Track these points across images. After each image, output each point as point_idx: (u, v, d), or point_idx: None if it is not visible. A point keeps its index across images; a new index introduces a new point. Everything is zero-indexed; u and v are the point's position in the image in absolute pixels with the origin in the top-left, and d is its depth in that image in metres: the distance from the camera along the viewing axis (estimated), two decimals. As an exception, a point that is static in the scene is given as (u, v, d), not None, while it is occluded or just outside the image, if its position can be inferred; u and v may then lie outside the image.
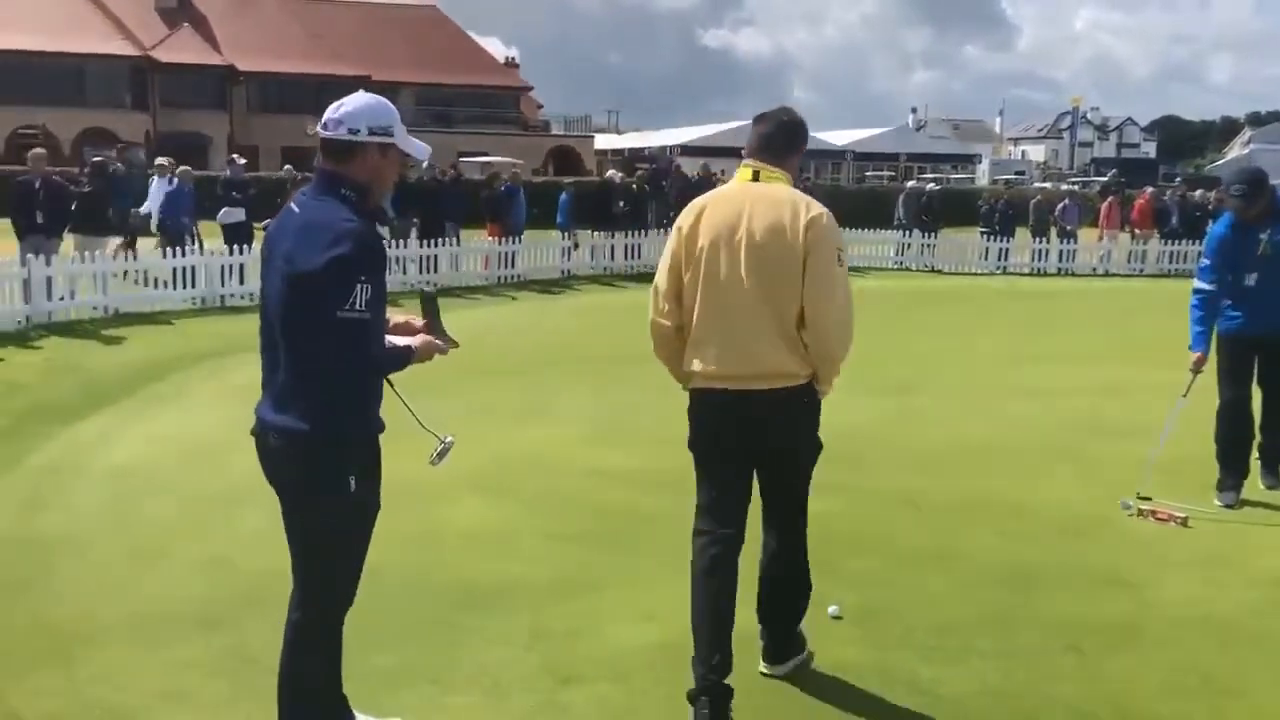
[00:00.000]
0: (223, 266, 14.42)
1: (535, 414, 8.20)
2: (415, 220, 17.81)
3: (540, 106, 62.83)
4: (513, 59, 59.17)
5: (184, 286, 13.91)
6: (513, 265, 18.24)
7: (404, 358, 3.11)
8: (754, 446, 3.75)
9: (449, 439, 3.31)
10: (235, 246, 14.75)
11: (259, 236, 16.45)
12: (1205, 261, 6.44)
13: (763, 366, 3.61)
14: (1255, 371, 6.52)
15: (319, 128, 3.03)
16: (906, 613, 4.52)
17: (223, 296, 14.22)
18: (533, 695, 3.77)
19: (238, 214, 15.97)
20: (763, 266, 3.60)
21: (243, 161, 18.24)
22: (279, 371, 3.01)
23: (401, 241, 17.17)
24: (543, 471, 6.53)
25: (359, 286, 2.82)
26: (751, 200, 3.72)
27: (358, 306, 2.82)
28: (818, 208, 3.73)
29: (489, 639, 4.22)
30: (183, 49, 45.60)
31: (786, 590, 3.93)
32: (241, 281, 14.55)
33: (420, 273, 17.12)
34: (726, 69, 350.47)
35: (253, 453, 3.13)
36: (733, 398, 3.65)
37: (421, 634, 4.25)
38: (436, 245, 17.33)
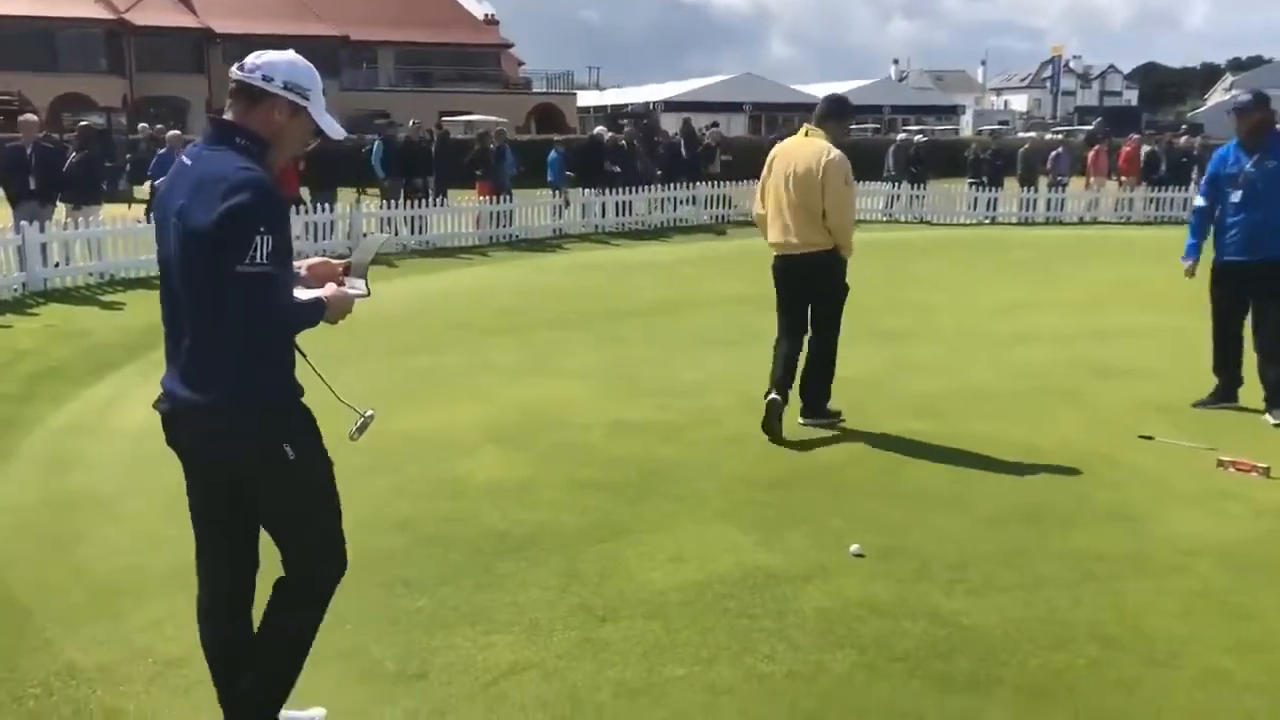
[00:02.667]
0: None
1: (540, 370, 8.28)
2: (404, 180, 17.80)
3: (521, 64, 62.28)
4: (492, 16, 58.55)
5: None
6: (508, 224, 18.23)
7: (315, 313, 2.85)
8: (802, 287, 6.46)
9: (369, 413, 3.12)
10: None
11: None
12: (1204, 178, 7.09)
13: (802, 239, 6.33)
14: (1245, 307, 6.78)
15: (234, 68, 2.87)
16: (924, 550, 4.65)
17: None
18: (572, 632, 3.88)
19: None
20: (800, 186, 6.26)
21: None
22: (184, 340, 2.78)
23: (391, 202, 17.16)
24: (556, 425, 6.63)
25: (259, 238, 2.60)
26: (800, 147, 6.42)
27: (258, 260, 2.60)
28: (833, 153, 6.26)
29: (523, 582, 4.33)
30: (158, 11, 45.00)
31: (819, 366, 6.57)
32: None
33: (411, 233, 17.11)
34: (703, 23, 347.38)
35: None
36: (788, 260, 6.42)
37: (456, 579, 4.36)
38: (425, 205, 17.31)
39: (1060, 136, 34.31)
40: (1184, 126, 34.05)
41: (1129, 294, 12.21)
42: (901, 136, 26.98)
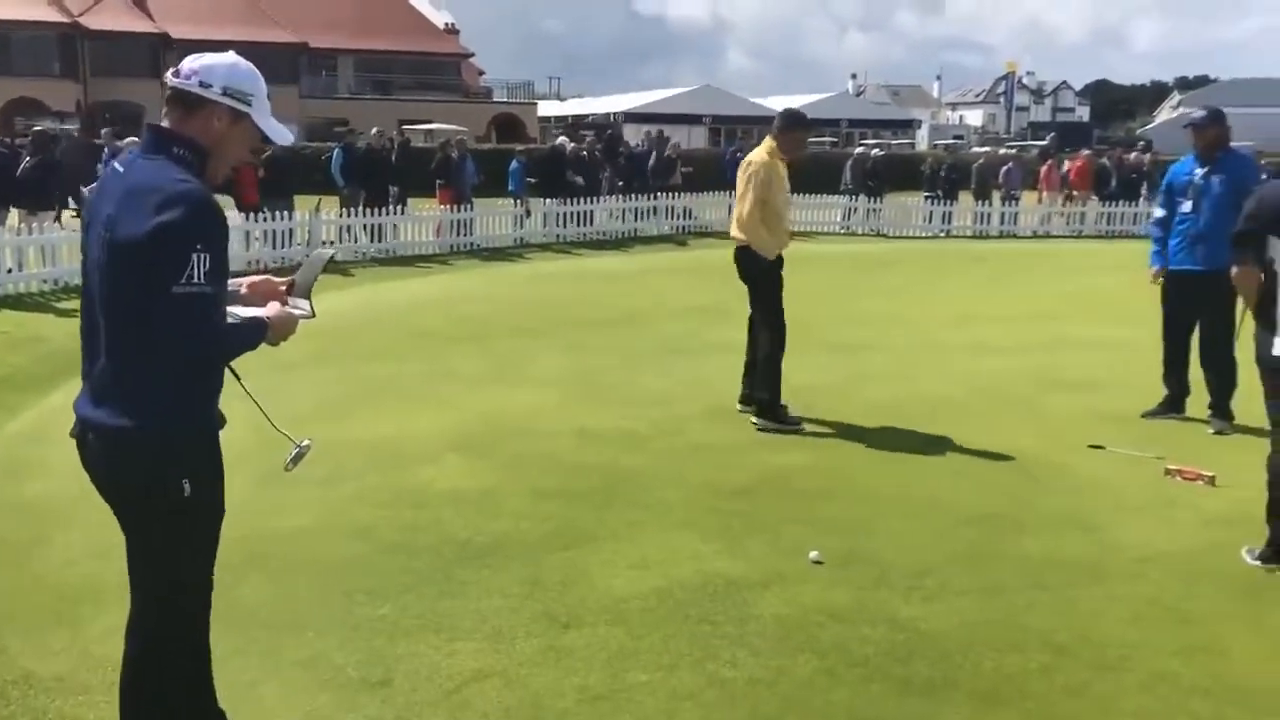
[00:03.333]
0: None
1: (502, 379, 8.30)
2: (364, 188, 17.73)
3: (482, 73, 62.22)
4: (452, 25, 58.45)
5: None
6: (469, 233, 18.21)
7: (256, 335, 2.70)
8: (740, 277, 7.08)
9: (305, 443, 3.02)
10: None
11: (226, 206, 16.24)
12: (1162, 188, 7.32)
13: (735, 230, 6.99)
14: (1194, 318, 6.96)
15: (169, 74, 2.70)
16: (882, 556, 4.73)
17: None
18: (536, 639, 3.91)
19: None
20: (740, 185, 6.93)
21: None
22: (99, 358, 2.62)
23: (351, 210, 17.08)
24: (519, 433, 6.65)
25: (195, 256, 2.46)
26: (753, 154, 7.07)
27: (194, 280, 2.46)
28: (754, 156, 6.97)
29: (487, 590, 4.35)
30: (113, 16, 44.46)
31: (760, 369, 6.93)
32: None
33: (371, 241, 17.05)
34: (662, 35, 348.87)
35: (230, 416, 2.87)
36: (736, 249, 7.02)
37: (419, 587, 4.37)
38: (384, 213, 17.25)
39: (1014, 151, 34.82)
40: (1141, 143, 34.78)
41: (1080, 306, 12.45)
42: (859, 150, 27.32)
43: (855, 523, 5.16)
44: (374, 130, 19.60)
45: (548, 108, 59.68)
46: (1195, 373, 7.08)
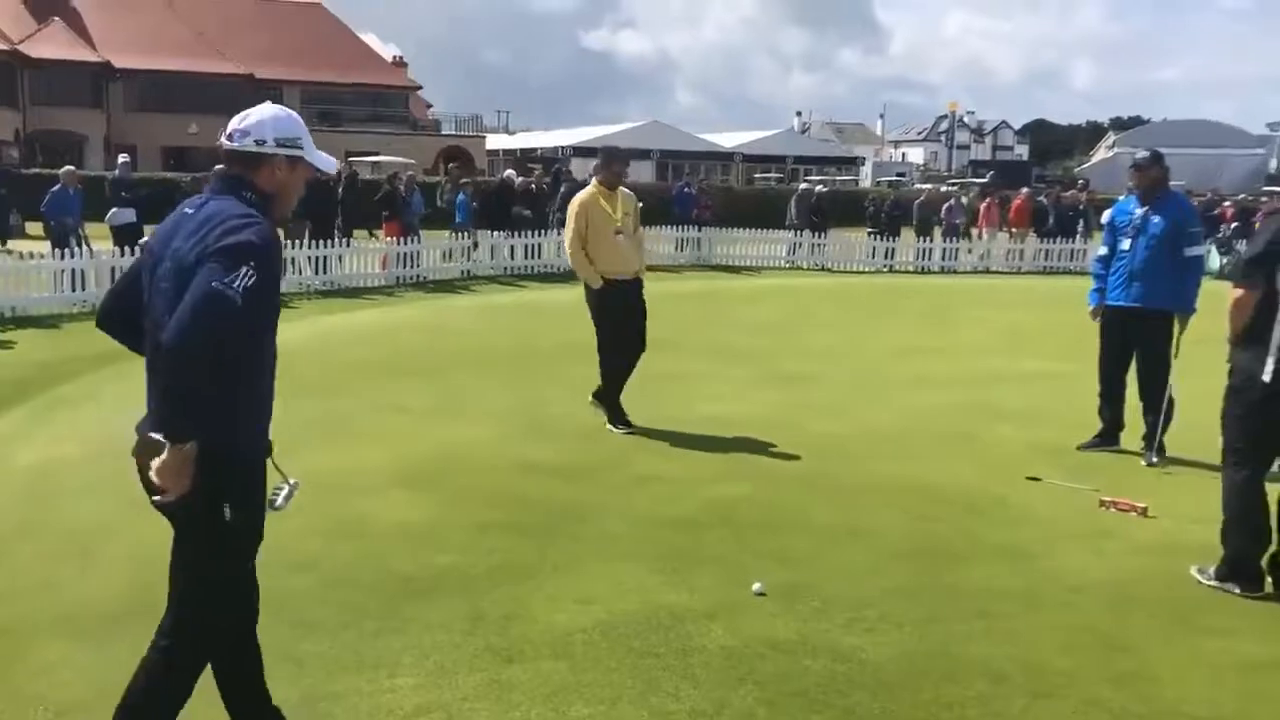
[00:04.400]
0: (113, 268, 14.04)
1: (448, 411, 8.27)
2: (308, 220, 17.62)
3: (430, 106, 62.20)
4: (400, 58, 58.44)
5: (73, 289, 13.53)
6: (415, 265, 18.15)
7: (197, 417, 2.68)
8: None
9: (294, 482, 3.09)
10: (126, 248, 14.40)
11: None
12: (1105, 226, 7.53)
13: None
14: (1130, 353, 7.15)
15: (224, 138, 2.93)
16: (825, 588, 4.77)
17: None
18: (478, 674, 3.89)
19: (128, 215, 15.59)
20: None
21: (125, 160, 17.73)
22: (159, 380, 2.79)
23: (295, 242, 16.96)
24: (463, 466, 6.63)
25: (244, 269, 2.62)
26: None
27: (234, 285, 2.60)
28: (574, 196, 8.04)
29: (428, 625, 4.32)
30: (53, 44, 43.79)
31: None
32: (132, 283, 14.25)
33: (315, 273, 16.93)
34: (610, 71, 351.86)
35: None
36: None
37: (360, 622, 4.33)
38: (330, 245, 17.16)
39: (955, 189, 35.51)
40: (1080, 181, 35.76)
41: (1019, 341, 12.69)
42: (804, 186, 27.70)
43: (799, 554, 5.20)
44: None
45: (496, 141, 59.76)
46: (1130, 406, 7.25)
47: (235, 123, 2.94)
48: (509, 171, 24.20)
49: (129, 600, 4.52)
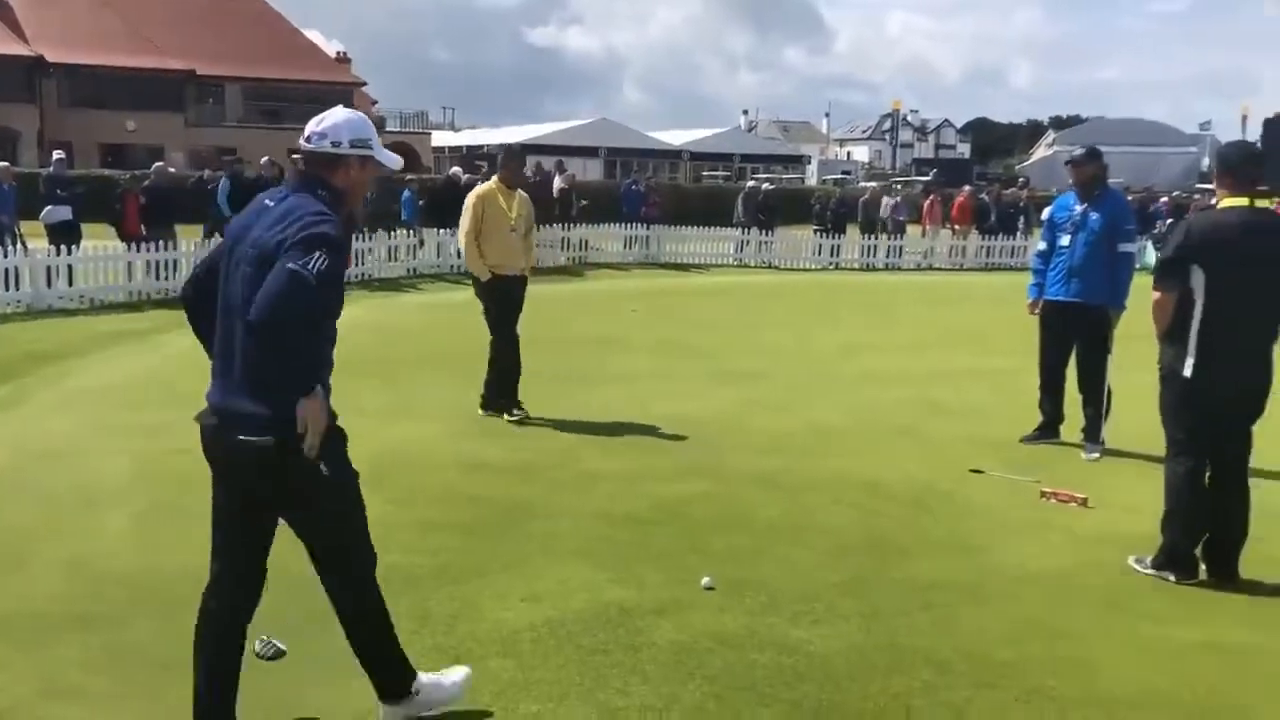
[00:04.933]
0: (49, 268, 13.77)
1: (395, 410, 8.20)
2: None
3: (375, 103, 61.55)
4: (344, 54, 57.79)
5: (6, 288, 13.22)
6: (360, 263, 17.96)
7: (311, 381, 3.07)
8: None
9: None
10: (61, 247, 14.11)
11: (107, 236, 15.77)
12: (1045, 223, 7.64)
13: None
14: (1069, 347, 7.28)
15: (301, 141, 3.20)
16: (772, 582, 4.81)
17: (50, 300, 13.61)
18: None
19: (63, 212, 15.24)
20: None
21: (60, 156, 17.34)
22: (236, 360, 3.06)
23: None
24: (411, 466, 6.58)
25: (319, 253, 2.91)
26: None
27: (309, 267, 2.89)
28: (476, 189, 8.07)
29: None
30: (-16, 38, 42.75)
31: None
32: (70, 283, 13.96)
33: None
34: (557, 68, 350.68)
35: (106, 455, 3.01)
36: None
37: (307, 624, 4.26)
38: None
39: (899, 187, 35.90)
40: (1020, 179, 36.41)
41: (962, 337, 12.87)
42: (751, 184, 27.85)
43: (747, 550, 5.24)
44: (264, 159, 19.26)
45: (442, 138, 59.38)
46: (1070, 399, 7.39)
47: (313, 126, 3.19)
48: (455, 169, 24.03)
49: (68, 604, 4.46)
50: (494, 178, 8.16)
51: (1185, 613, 4.61)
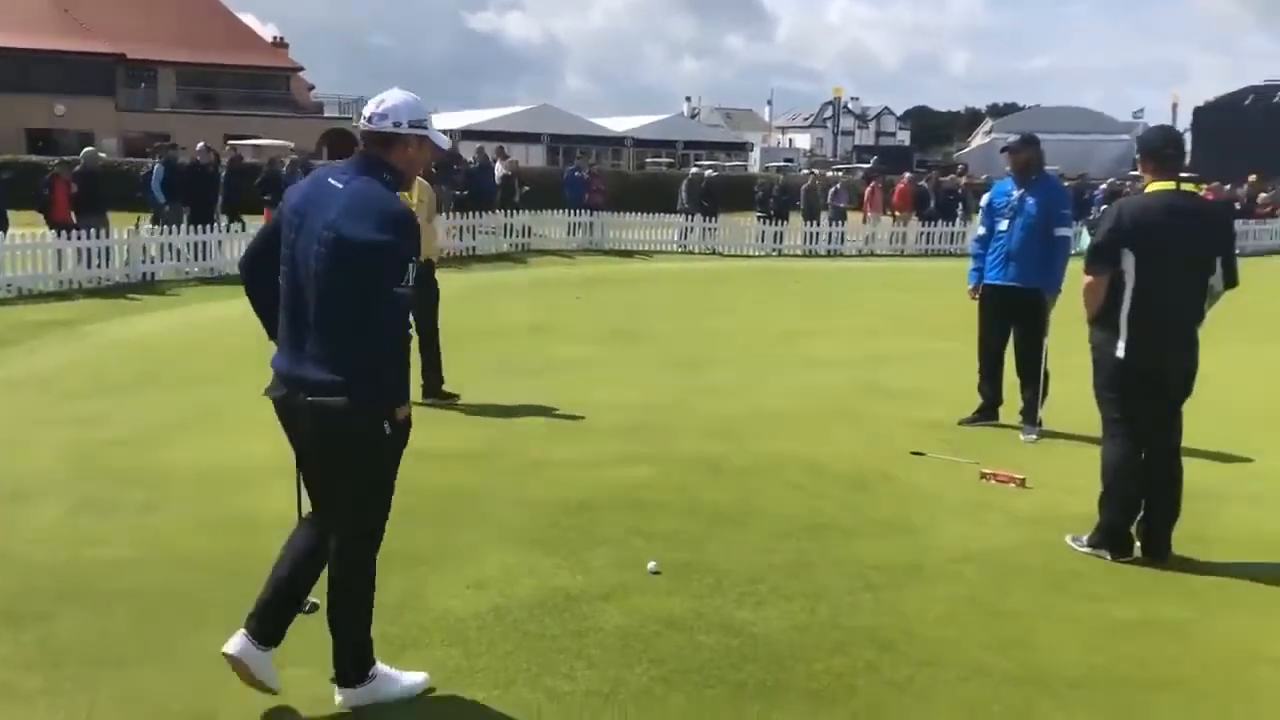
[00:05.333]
0: (-25, 256, 13.41)
1: (337, 399, 8.11)
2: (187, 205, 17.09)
3: (312, 88, 60.67)
4: (281, 39, 56.86)
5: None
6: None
7: (406, 383, 3.42)
8: None
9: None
10: (-12, 234, 13.75)
11: (36, 223, 15.37)
12: (983, 208, 7.72)
13: None
14: (1007, 330, 7.40)
15: (362, 121, 3.37)
16: (718, 565, 4.84)
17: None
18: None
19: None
20: None
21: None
22: (308, 331, 3.25)
23: (173, 227, 16.40)
24: (353, 454, 6.50)
25: (410, 266, 3.16)
26: None
27: (404, 283, 3.16)
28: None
29: (318, 615, 4.21)
30: (-97, 19, 41.43)
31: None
32: (-4, 271, 13.62)
33: (196, 259, 16.41)
34: (497, 54, 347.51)
35: (36, 447, 2.95)
36: None
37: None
38: (210, 231, 16.66)
39: (840, 174, 36.19)
40: (960, 166, 36.92)
41: (903, 321, 13.03)
42: (694, 171, 27.91)
43: (692, 534, 5.26)
44: (200, 145, 18.89)
45: (382, 124, 58.59)
46: (1009, 382, 7.51)
47: (372, 107, 3.35)
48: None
49: (-1, 601, 4.35)
50: None
51: (1121, 590, 4.71)
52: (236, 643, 3.49)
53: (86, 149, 17.84)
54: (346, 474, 3.41)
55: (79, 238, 14.64)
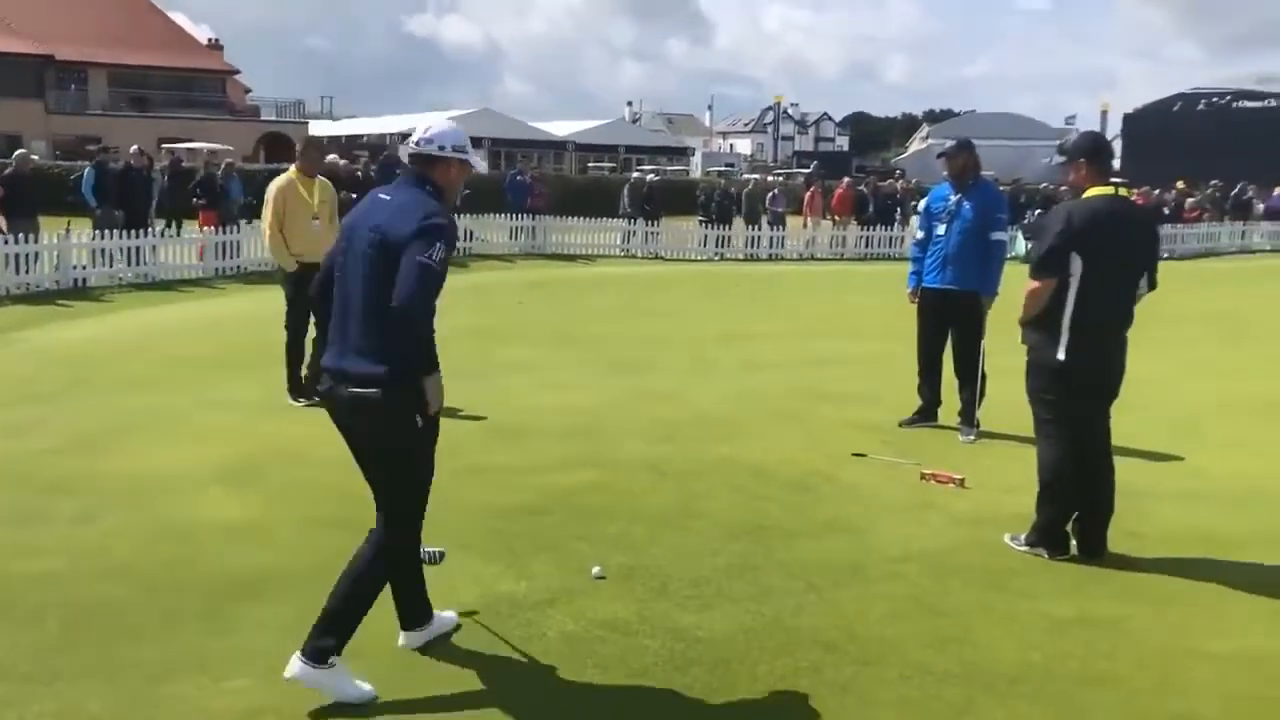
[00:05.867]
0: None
1: (272, 407, 7.99)
2: (119, 209, 16.73)
3: (248, 91, 59.79)
4: (216, 40, 55.95)
5: None
6: (234, 256, 17.42)
7: (434, 358, 3.63)
8: None
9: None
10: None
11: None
12: (921, 213, 7.83)
13: None
14: (945, 333, 7.51)
15: (412, 143, 3.76)
16: (662, 568, 4.84)
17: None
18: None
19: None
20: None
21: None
22: (352, 326, 3.56)
23: (106, 232, 16.04)
24: (290, 462, 6.41)
25: (438, 244, 3.45)
26: None
27: (433, 256, 3.43)
28: (276, 180, 8.17)
29: (257, 625, 4.17)
30: None
31: None
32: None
33: (129, 264, 16.07)
34: (435, 58, 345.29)
35: None
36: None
37: (186, 626, 4.14)
38: (143, 235, 16.32)
39: (780, 179, 36.46)
40: (899, 171, 37.42)
41: (843, 324, 13.14)
42: (636, 175, 27.96)
43: (637, 538, 5.25)
44: (134, 148, 18.51)
45: (320, 127, 57.82)
46: (947, 383, 7.61)
47: (420, 133, 3.76)
48: (332, 157, 23.49)
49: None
50: (293, 167, 8.20)
51: (1058, 588, 4.79)
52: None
53: (18, 151, 17.39)
54: (382, 461, 3.72)
55: (7, 243, 14.26)
